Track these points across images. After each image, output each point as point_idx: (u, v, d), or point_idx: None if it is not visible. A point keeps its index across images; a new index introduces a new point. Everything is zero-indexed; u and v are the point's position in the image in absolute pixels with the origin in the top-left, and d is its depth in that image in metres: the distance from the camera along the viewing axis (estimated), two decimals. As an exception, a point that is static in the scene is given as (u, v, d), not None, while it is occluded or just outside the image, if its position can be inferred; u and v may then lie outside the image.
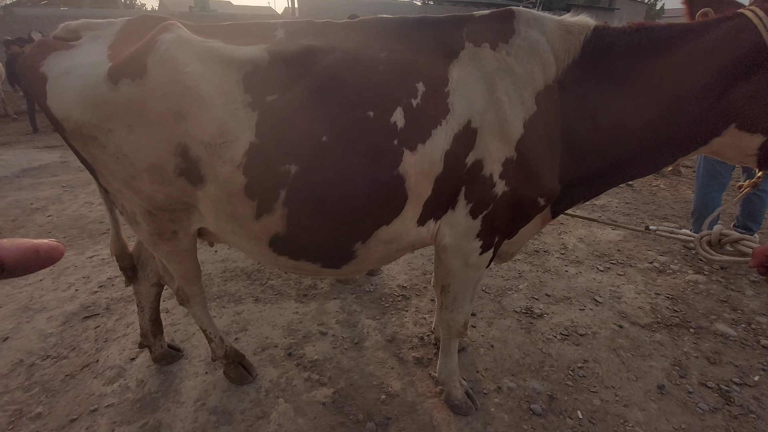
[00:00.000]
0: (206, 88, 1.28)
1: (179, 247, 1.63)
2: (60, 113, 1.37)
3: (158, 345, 2.11)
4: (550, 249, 3.38)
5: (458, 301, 1.71)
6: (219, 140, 1.29)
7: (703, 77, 1.21)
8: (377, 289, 2.82)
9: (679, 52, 1.24)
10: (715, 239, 1.26)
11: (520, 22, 1.35)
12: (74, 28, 1.47)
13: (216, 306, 2.63)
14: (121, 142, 1.35)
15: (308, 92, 1.31)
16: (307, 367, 2.15)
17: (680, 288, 2.84)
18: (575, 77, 1.34)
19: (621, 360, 2.21)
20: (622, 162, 1.39)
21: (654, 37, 1.28)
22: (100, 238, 3.64)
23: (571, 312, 2.58)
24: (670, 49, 1.25)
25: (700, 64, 1.20)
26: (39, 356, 2.24)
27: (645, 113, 1.29)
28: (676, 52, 1.25)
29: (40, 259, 0.43)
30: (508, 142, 1.31)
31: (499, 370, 2.14)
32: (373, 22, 1.46)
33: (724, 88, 1.19)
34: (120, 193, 1.52)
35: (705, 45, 1.19)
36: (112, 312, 2.61)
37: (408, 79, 1.32)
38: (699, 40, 1.21)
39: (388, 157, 1.31)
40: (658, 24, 1.32)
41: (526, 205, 1.41)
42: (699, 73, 1.21)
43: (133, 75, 1.29)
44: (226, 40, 1.38)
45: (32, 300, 2.73)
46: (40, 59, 1.38)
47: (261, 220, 1.39)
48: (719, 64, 1.18)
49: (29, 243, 0.43)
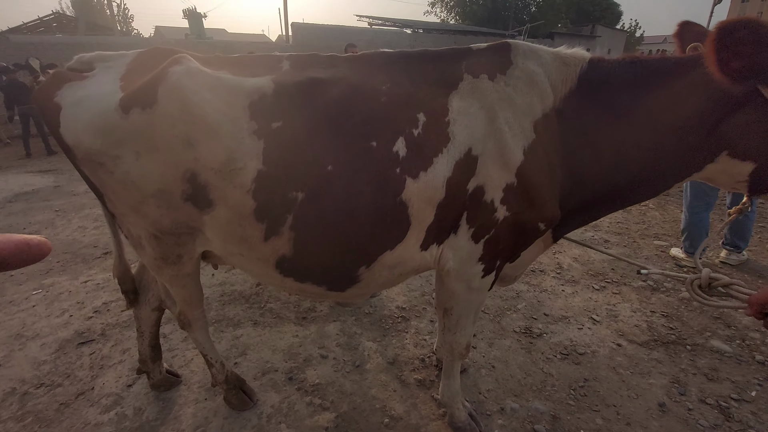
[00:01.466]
0: (215, 116, 1.32)
1: (183, 270, 1.65)
2: (72, 140, 1.40)
3: (157, 371, 2.08)
4: (545, 269, 3.43)
5: (461, 324, 1.73)
6: (229, 167, 1.34)
7: (697, 108, 1.28)
8: (376, 311, 2.83)
9: (673, 83, 1.32)
10: (705, 283, 1.28)
11: (517, 54, 1.43)
12: (88, 59, 1.52)
13: (215, 330, 2.60)
14: (129, 168, 1.38)
15: (313, 122, 1.36)
16: (308, 392, 2.13)
17: (674, 305, 2.89)
18: (573, 107, 1.41)
19: (621, 378, 2.22)
20: (622, 188, 1.44)
21: (648, 69, 1.36)
22: (94, 262, 3.60)
23: (569, 331, 2.61)
24: (665, 80, 1.33)
25: (694, 96, 1.28)
26: (32, 385, 2.18)
27: (643, 142, 1.36)
28: (670, 83, 1.32)
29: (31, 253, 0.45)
30: (508, 168, 1.36)
31: (502, 391, 2.14)
32: (376, 56, 1.53)
33: (716, 118, 1.26)
34: (126, 218, 1.54)
35: (698, 78, 1.26)
36: (108, 338, 2.57)
37: (409, 109, 1.38)
38: (692, 73, 1.29)
39: (391, 185, 1.35)
40: (651, 57, 1.41)
41: (528, 229, 1.45)
42: (693, 105, 1.28)
43: (143, 104, 1.33)
44: (233, 71, 1.44)
45: (24, 327, 2.68)
46: (55, 89, 1.42)
47: (269, 242, 1.42)
48: (711, 97, 1.25)
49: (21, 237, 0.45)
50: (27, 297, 3.04)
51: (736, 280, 1.26)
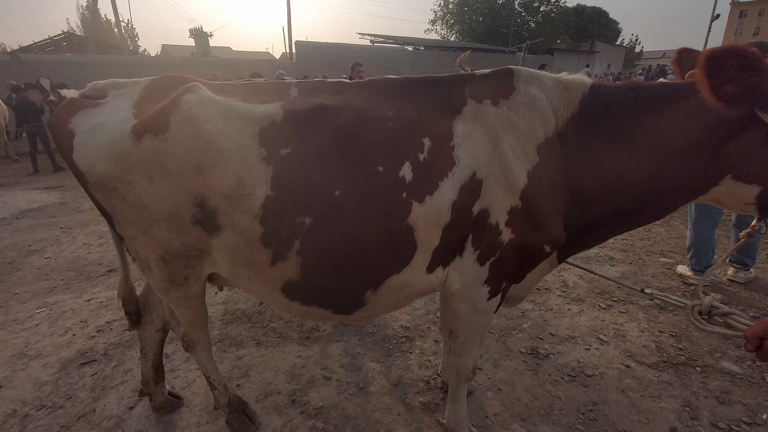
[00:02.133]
0: (226, 143, 1.35)
1: (190, 292, 1.65)
2: (84, 167, 1.43)
3: (159, 393, 2.06)
4: (551, 287, 3.40)
5: (467, 346, 1.71)
6: (238, 192, 1.35)
7: (697, 132, 1.30)
8: (380, 330, 2.80)
9: (673, 109, 1.34)
10: (705, 310, 1.30)
11: (519, 79, 1.46)
12: (101, 87, 1.56)
13: (217, 350, 2.58)
14: (140, 193, 1.40)
15: (320, 148, 1.38)
16: (311, 415, 2.09)
17: (683, 325, 2.85)
18: (575, 131, 1.43)
19: (630, 401, 2.18)
20: (626, 211, 1.45)
21: (648, 95, 1.39)
22: (98, 280, 3.60)
23: (576, 352, 2.57)
24: (665, 106, 1.36)
25: (694, 120, 1.30)
26: (33, 406, 2.16)
27: (645, 166, 1.37)
28: (670, 109, 1.35)
29: None
30: (512, 191, 1.37)
31: (509, 415, 2.10)
32: (381, 82, 1.57)
33: (717, 142, 1.28)
34: (135, 240, 1.55)
35: (696, 103, 1.28)
36: (110, 358, 2.55)
37: (415, 135, 1.40)
38: (690, 98, 1.31)
39: (398, 209, 1.37)
40: (650, 83, 1.44)
41: (533, 251, 1.46)
42: (693, 129, 1.30)
43: (155, 131, 1.36)
44: (243, 98, 1.47)
45: (28, 346, 2.67)
46: (69, 116, 1.45)
47: (276, 266, 1.42)
48: (710, 121, 1.27)
49: None
50: (31, 315, 3.03)
51: (736, 310, 1.27)
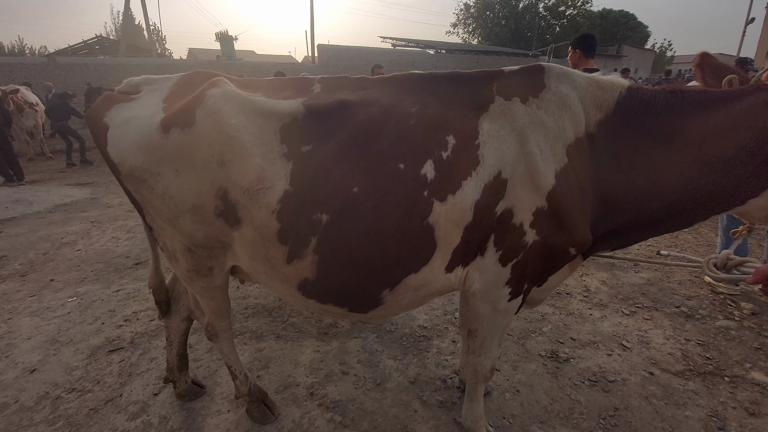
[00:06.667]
0: (248, 138, 1.38)
1: (213, 283, 1.69)
2: (117, 158, 1.49)
3: (183, 380, 2.12)
4: (572, 291, 3.34)
5: (486, 346, 1.70)
6: (257, 186, 1.38)
7: (748, 141, 1.24)
8: (398, 329, 2.81)
9: (718, 115, 1.29)
10: (721, 263, 1.32)
11: (550, 77, 1.43)
12: (136, 83, 1.63)
13: (238, 342, 2.64)
14: (168, 184, 1.45)
15: (341, 144, 1.38)
16: (329, 408, 2.11)
17: (711, 334, 2.75)
18: (608, 132, 1.39)
19: (654, 409, 2.12)
20: (658, 217, 1.40)
21: (692, 99, 1.33)
22: (126, 272, 3.73)
23: (598, 357, 2.52)
24: (710, 111, 1.30)
25: (745, 128, 1.25)
26: (64, 389, 2.26)
27: (685, 172, 1.32)
28: (715, 115, 1.29)
29: None
30: (539, 192, 1.34)
31: (527, 417, 2.07)
32: (406, 77, 1.56)
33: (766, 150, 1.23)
34: (163, 231, 1.60)
35: (750, 111, 1.24)
36: (136, 346, 2.64)
37: (439, 132, 1.38)
38: (738, 104, 1.26)
39: (418, 208, 1.35)
40: (692, 88, 1.38)
41: (558, 254, 1.43)
42: (744, 137, 1.25)
43: (182, 125, 1.41)
44: (267, 94, 1.50)
45: (60, 332, 2.79)
46: (104, 110, 1.53)
47: (292, 264, 1.44)
48: (760, 129, 1.22)
49: None
50: (63, 304, 3.17)
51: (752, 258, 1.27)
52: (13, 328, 2.84)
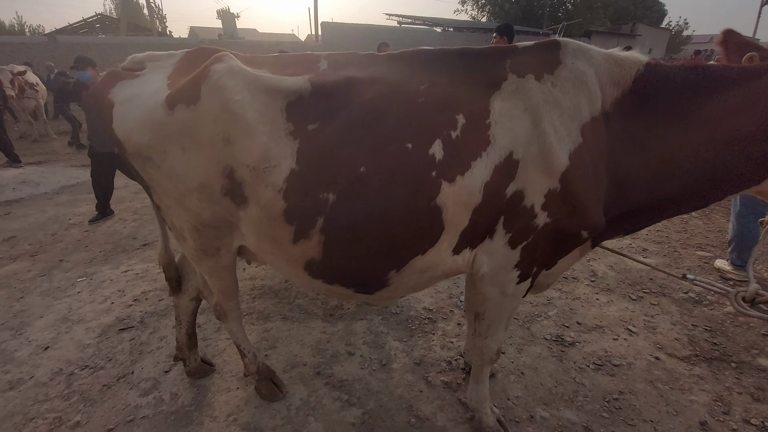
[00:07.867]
0: (253, 115, 1.35)
1: (221, 262, 1.70)
2: (122, 135, 1.48)
3: (193, 358, 2.16)
4: (578, 276, 3.32)
5: (492, 329, 1.70)
6: (263, 165, 1.35)
7: (763, 118, 1.20)
8: (403, 311, 2.82)
9: (741, 92, 1.24)
10: (750, 297, 1.28)
11: (566, 53, 1.37)
12: (140, 59, 1.59)
13: (245, 322, 2.67)
14: (174, 162, 1.44)
15: (348, 123, 1.35)
16: (336, 387, 2.15)
17: (718, 320, 2.74)
18: (624, 110, 1.34)
19: (659, 393, 2.13)
20: (672, 197, 1.37)
21: (712, 76, 1.28)
22: (133, 253, 3.77)
23: (603, 341, 2.52)
24: (731, 89, 1.26)
25: (761, 105, 1.20)
26: (77, 366, 2.31)
27: (701, 151, 1.29)
28: (738, 92, 1.25)
29: None
30: (552, 174, 1.31)
31: (531, 399, 2.09)
32: (416, 54, 1.51)
33: None
34: (170, 210, 1.60)
35: (765, 87, 1.19)
36: (146, 325, 2.68)
37: (448, 111, 1.34)
38: (757, 82, 1.22)
39: (425, 189, 1.32)
40: (713, 64, 1.33)
41: (569, 237, 1.40)
42: (759, 115, 1.21)
43: (187, 101, 1.38)
44: (273, 70, 1.46)
45: (71, 311, 2.84)
46: (109, 87, 1.50)
47: (298, 244, 1.43)
48: None
49: None
50: (73, 284, 3.21)
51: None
52: (26, 306, 2.90)
